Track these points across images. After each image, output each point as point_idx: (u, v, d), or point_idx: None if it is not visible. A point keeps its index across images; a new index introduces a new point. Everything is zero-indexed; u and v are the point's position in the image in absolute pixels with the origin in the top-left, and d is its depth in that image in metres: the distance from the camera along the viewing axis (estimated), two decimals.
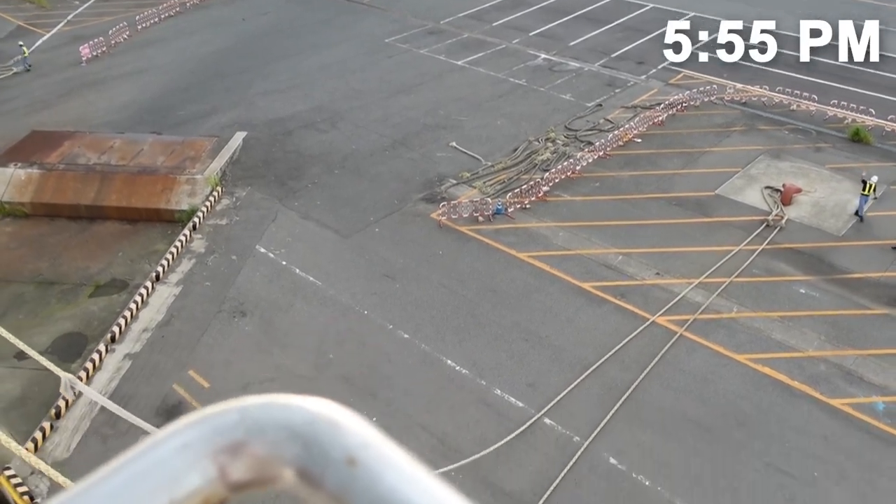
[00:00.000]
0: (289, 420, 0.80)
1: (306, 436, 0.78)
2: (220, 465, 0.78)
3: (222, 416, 0.80)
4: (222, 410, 0.81)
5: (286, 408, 0.81)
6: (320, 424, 0.79)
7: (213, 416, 0.80)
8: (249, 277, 22.34)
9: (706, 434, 17.03)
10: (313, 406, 0.81)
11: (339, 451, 0.77)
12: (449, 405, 18.02)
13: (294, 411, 0.80)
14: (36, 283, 22.44)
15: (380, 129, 30.33)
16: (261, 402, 0.82)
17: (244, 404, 0.82)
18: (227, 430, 0.79)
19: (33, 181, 26.15)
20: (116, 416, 17.86)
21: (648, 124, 29.97)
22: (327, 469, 0.76)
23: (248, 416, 0.80)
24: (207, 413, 0.81)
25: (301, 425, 0.79)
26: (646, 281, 21.79)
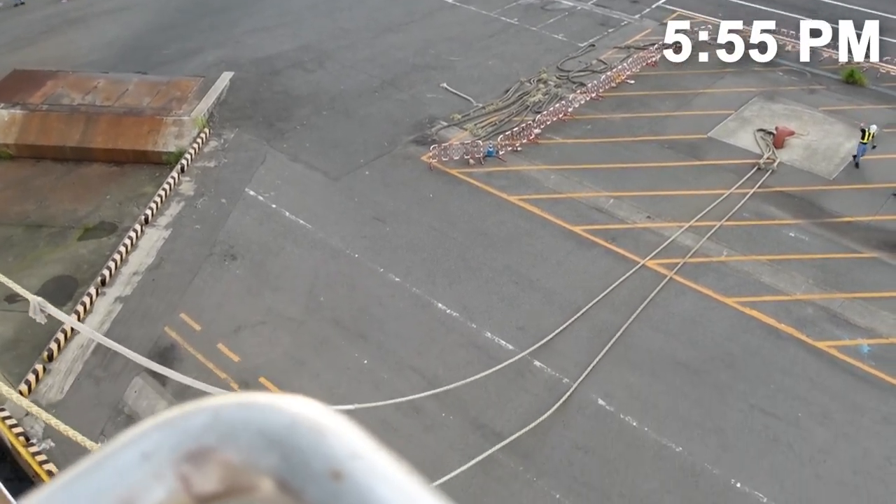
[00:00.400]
0: (266, 424, 0.70)
1: (286, 443, 0.69)
2: (184, 475, 0.68)
3: (191, 417, 0.71)
4: (191, 412, 0.72)
5: (263, 409, 0.71)
6: (302, 430, 0.70)
7: (179, 419, 0.71)
8: (239, 220, 22.20)
9: (694, 376, 17.29)
10: (294, 408, 0.71)
11: (322, 463, 0.67)
12: (439, 348, 18.17)
13: (272, 414, 0.71)
14: (24, 225, 22.23)
15: (368, 69, 29.79)
16: (235, 402, 0.72)
17: (217, 404, 0.72)
18: (196, 434, 0.70)
19: (17, 122, 25.66)
20: (110, 358, 17.96)
21: (642, 65, 29.57)
22: (309, 483, 0.67)
23: (222, 418, 0.71)
24: (173, 415, 0.71)
25: (280, 430, 0.70)
26: (637, 224, 21.79)
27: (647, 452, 15.76)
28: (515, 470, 15.39)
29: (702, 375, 17.34)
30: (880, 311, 18.93)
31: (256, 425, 0.70)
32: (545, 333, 18.25)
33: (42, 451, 15.76)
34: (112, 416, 16.55)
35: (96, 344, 18.35)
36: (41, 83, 27.57)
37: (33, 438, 16.07)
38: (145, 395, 17.20)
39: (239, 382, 17.25)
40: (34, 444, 15.90)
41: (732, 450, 15.75)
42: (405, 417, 16.50)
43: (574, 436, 16.09)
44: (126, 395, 17.16)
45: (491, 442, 15.90)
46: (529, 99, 27.42)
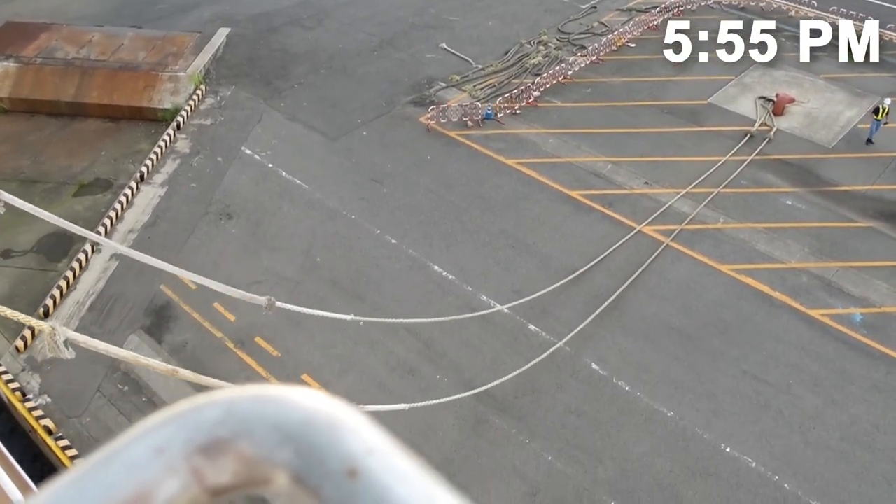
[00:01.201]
0: (281, 418, 0.69)
1: (301, 439, 0.68)
2: (198, 468, 0.68)
3: (204, 411, 0.70)
4: (204, 405, 0.71)
5: (278, 403, 0.70)
6: (317, 426, 0.69)
7: (192, 412, 0.70)
8: (235, 179, 22.09)
9: (687, 342, 17.42)
10: (309, 402, 0.71)
11: (338, 461, 0.67)
12: (435, 310, 18.21)
13: (287, 408, 0.70)
14: (18, 181, 22.06)
15: (367, 27, 29.39)
16: (249, 395, 0.71)
17: (230, 397, 0.71)
18: (209, 428, 0.69)
19: (10, 75, 25.32)
20: (105, 314, 18.01)
21: (643, 28, 29.24)
22: (325, 481, 0.66)
23: (235, 412, 0.70)
24: (186, 408, 0.71)
25: (295, 426, 0.69)
26: (634, 190, 21.75)
27: (638, 417, 15.95)
28: (508, 432, 15.58)
29: (695, 341, 17.48)
30: (874, 281, 19.03)
31: (271, 419, 0.69)
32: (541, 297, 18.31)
33: (38, 406, 15.86)
34: (108, 373, 16.63)
35: (93, 300, 18.39)
36: (35, 36, 27.15)
37: (30, 394, 16.16)
38: (141, 352, 17.24)
39: (234, 342, 17.32)
40: (30, 399, 16.00)
41: (723, 415, 15.95)
42: (400, 379, 16.64)
43: (567, 399, 16.26)
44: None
45: (485, 403, 16.07)
46: (529, 61, 27.14)
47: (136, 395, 16.22)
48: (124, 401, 16.22)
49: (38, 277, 19.04)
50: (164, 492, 0.66)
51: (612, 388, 16.49)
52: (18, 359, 16.88)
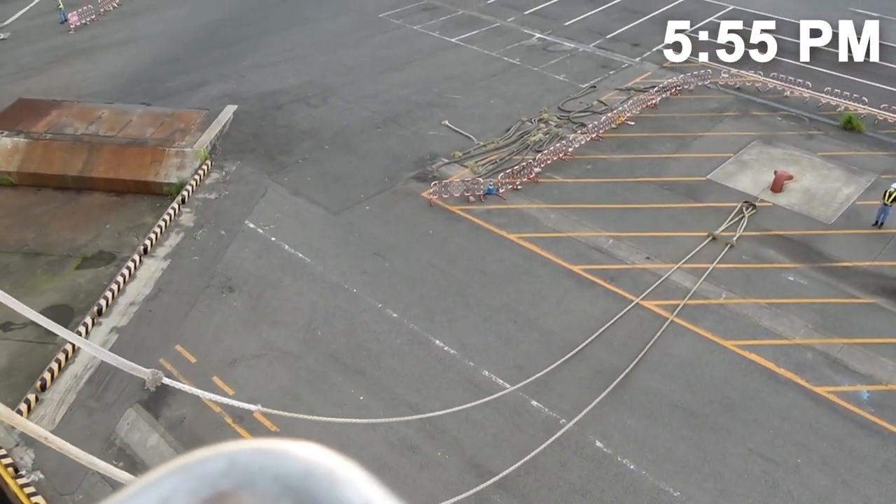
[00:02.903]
0: (282, 471, 0.71)
1: (301, 491, 0.70)
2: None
3: (207, 463, 0.72)
4: (208, 457, 0.72)
5: (279, 456, 0.72)
6: (317, 478, 0.71)
7: (196, 464, 0.71)
8: (238, 253, 22.19)
9: (692, 419, 17.14)
10: (309, 455, 0.73)
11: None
12: (436, 385, 18.04)
13: (288, 461, 0.72)
14: (22, 253, 22.20)
15: (371, 105, 30.06)
16: (250, 448, 0.73)
17: (232, 449, 0.73)
18: (212, 480, 0.70)
19: (20, 150, 25.79)
20: (103, 388, 17.81)
21: (642, 107, 29.86)
22: None
23: (238, 464, 0.71)
24: (190, 460, 0.72)
25: (296, 478, 0.70)
26: (636, 265, 21.80)
27: (644, 496, 15.55)
28: None
29: (700, 419, 17.19)
30: (879, 357, 18.85)
31: (272, 472, 0.70)
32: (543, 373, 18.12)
33: (31, 483, 15.52)
34: (104, 448, 16.33)
35: (90, 375, 18.22)
36: (46, 112, 27.79)
37: (22, 469, 15.83)
38: (138, 426, 17.01)
39: (233, 417, 17.07)
40: (23, 475, 15.66)
41: (731, 495, 15.54)
42: (401, 456, 16.31)
43: (571, 478, 15.89)
44: (118, 426, 16.97)
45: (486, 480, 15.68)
46: (530, 138, 27.63)
47: (131, 472, 15.84)
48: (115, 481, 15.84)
49: (38, 350, 18.93)
50: None
51: (616, 467, 16.14)
52: (13, 434, 16.60)
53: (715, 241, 22.45)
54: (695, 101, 30.66)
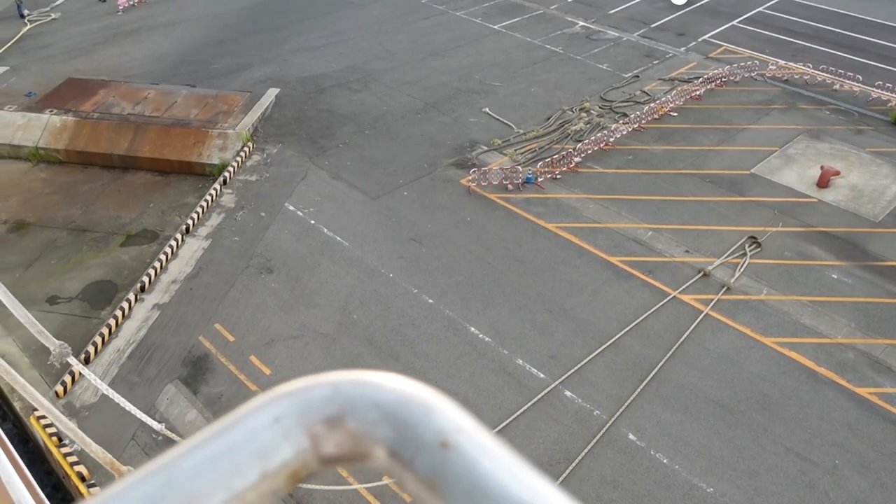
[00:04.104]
0: (381, 399, 0.78)
1: (398, 417, 0.76)
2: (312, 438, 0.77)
3: (315, 389, 0.79)
4: (315, 384, 0.80)
5: (378, 387, 0.79)
6: (413, 406, 0.77)
7: (305, 390, 0.79)
8: (277, 235, 22.44)
9: (728, 415, 16.95)
10: (406, 387, 0.79)
11: (431, 434, 0.74)
12: (470, 372, 18.09)
13: (386, 391, 0.78)
14: (69, 229, 22.73)
15: (412, 91, 30.08)
16: (353, 378, 0.80)
17: (336, 379, 0.80)
18: (320, 404, 0.78)
19: (68, 128, 26.34)
20: (144, 363, 18.20)
21: (685, 98, 29.42)
22: (420, 452, 0.74)
23: (341, 391, 0.78)
24: (300, 386, 0.80)
25: (393, 405, 0.77)
26: (675, 258, 21.56)
27: (676, 491, 15.45)
28: None
29: (736, 415, 16.99)
30: None
31: (371, 399, 0.78)
32: (577, 363, 18.08)
33: (73, 452, 15.95)
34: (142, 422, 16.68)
35: (132, 349, 18.63)
36: (94, 92, 28.33)
37: (65, 440, 16.27)
38: (177, 402, 17.36)
39: None
40: (66, 444, 16.10)
41: (766, 494, 15.36)
42: None
43: (603, 470, 15.85)
44: (158, 401, 17.34)
45: None
46: (571, 127, 27.42)
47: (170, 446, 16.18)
48: (157, 451, 16.20)
49: (82, 324, 19.39)
50: (280, 455, 0.75)
51: (649, 460, 16.05)
52: (57, 404, 17.07)
53: (706, 276, 20.62)
54: (740, 93, 30.12)
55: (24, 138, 26.10)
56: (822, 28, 35.93)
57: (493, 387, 17.66)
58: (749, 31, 35.84)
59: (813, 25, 36.21)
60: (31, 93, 28.26)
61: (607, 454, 16.17)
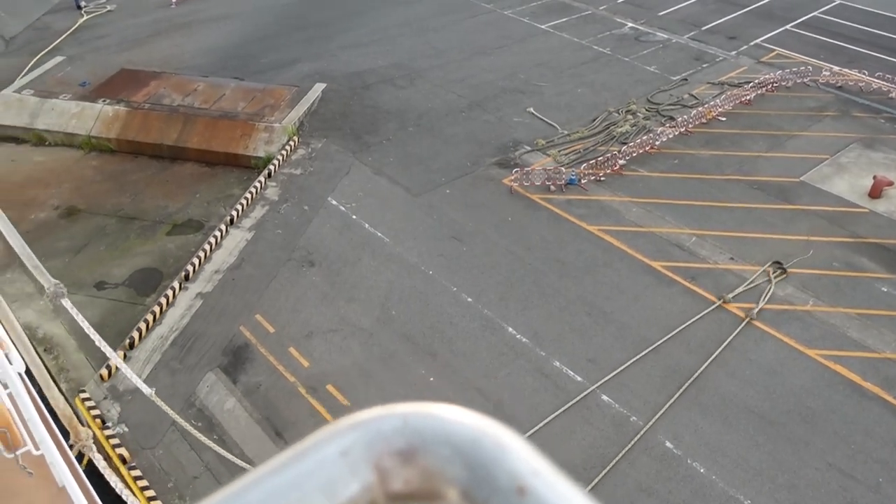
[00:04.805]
0: (453, 435, 0.74)
1: (472, 456, 0.72)
2: (380, 473, 0.74)
3: (384, 421, 0.76)
4: (384, 415, 0.76)
5: (451, 422, 0.75)
6: (486, 445, 0.73)
7: (374, 421, 0.76)
8: (319, 228, 22.65)
9: (768, 427, 16.63)
10: (479, 424, 0.75)
11: (507, 478, 0.70)
12: (506, 372, 18.05)
13: (458, 427, 0.75)
14: (118, 217, 23.25)
15: (457, 89, 30.08)
16: (424, 411, 0.77)
17: (405, 411, 0.77)
18: (389, 436, 0.75)
19: (120, 118, 26.93)
20: (186, 351, 18.53)
21: (735, 103, 28.91)
22: (494, 495, 0.70)
23: (411, 424, 0.75)
24: (368, 417, 0.76)
25: (467, 443, 0.73)
26: (718, 265, 21.22)
27: (713, 502, 15.22)
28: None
29: (777, 427, 16.66)
30: None
31: (443, 435, 0.74)
32: (616, 368, 17.92)
33: (115, 435, 16.32)
34: (184, 407, 17.02)
35: (175, 337, 18.98)
36: (146, 83, 28.91)
37: (109, 422, 16.67)
38: (216, 390, 17.64)
39: (306, 388, 17.51)
40: (109, 427, 16.48)
41: None
42: None
43: (638, 476, 15.68)
44: (198, 388, 17.63)
45: None
46: (616, 129, 27.16)
47: (208, 433, 16.49)
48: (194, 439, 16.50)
49: (127, 310, 19.82)
50: (346, 491, 0.72)
51: (685, 469, 15.83)
52: (102, 387, 17.49)
53: (724, 305, 19.63)
54: (792, 99, 29.50)
55: (78, 127, 26.77)
56: (879, 34, 35.00)
57: (529, 388, 17.60)
58: (803, 35, 35.08)
59: (869, 31, 35.29)
60: (86, 82, 28.95)
61: (643, 461, 15.99)
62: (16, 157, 26.24)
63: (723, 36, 34.89)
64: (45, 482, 6.48)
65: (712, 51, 33.48)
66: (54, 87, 28.57)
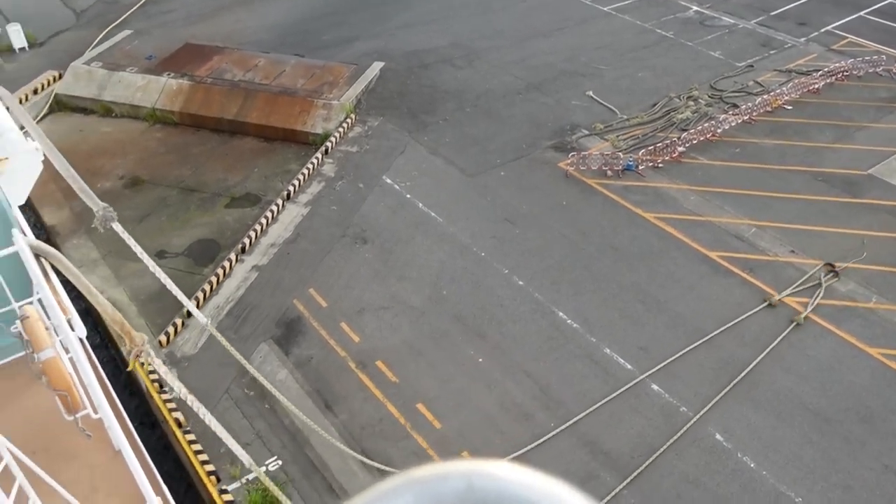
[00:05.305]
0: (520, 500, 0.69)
1: None
2: None
3: (447, 482, 0.71)
4: (447, 475, 0.71)
5: (519, 485, 0.70)
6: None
7: (436, 481, 0.71)
8: (374, 206, 22.81)
9: (824, 425, 16.25)
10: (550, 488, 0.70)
11: None
12: (556, 357, 17.99)
13: (528, 491, 0.70)
14: (179, 188, 23.80)
15: (516, 70, 29.83)
16: (490, 472, 0.71)
17: (471, 470, 0.71)
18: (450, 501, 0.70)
19: (183, 92, 27.47)
20: (241, 321, 18.93)
21: (802, 91, 28.03)
22: None
23: (476, 489, 0.70)
24: (427, 475, 0.71)
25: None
26: (778, 257, 20.71)
27: (762, 497, 14.97)
28: (620, 493, 15.00)
29: (833, 425, 16.27)
30: None
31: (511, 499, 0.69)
32: (668, 357, 17.69)
33: (172, 399, 16.81)
34: (237, 376, 17.42)
35: (231, 307, 19.40)
36: (209, 57, 29.39)
37: (166, 387, 17.15)
38: (269, 361, 17.99)
39: (356, 363, 17.74)
40: (166, 391, 16.98)
41: None
42: (514, 422, 16.44)
43: (686, 468, 15.51)
44: (252, 358, 18.00)
45: (598, 460, 15.60)
46: (677, 115, 26.61)
47: (260, 401, 16.87)
48: (248, 405, 16.92)
49: (186, 279, 20.28)
50: None
51: (735, 463, 15.59)
52: (160, 353, 18.00)
53: (773, 307, 18.99)
54: (863, 89, 28.46)
55: (143, 99, 27.41)
56: None
57: (578, 374, 17.51)
58: (877, 23, 33.74)
59: None
60: (152, 56, 29.57)
61: (691, 452, 15.81)
62: (84, 128, 27.04)
63: (792, 22, 33.78)
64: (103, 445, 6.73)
65: (780, 37, 32.46)
66: (122, 60, 29.27)
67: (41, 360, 5.84)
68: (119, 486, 6.45)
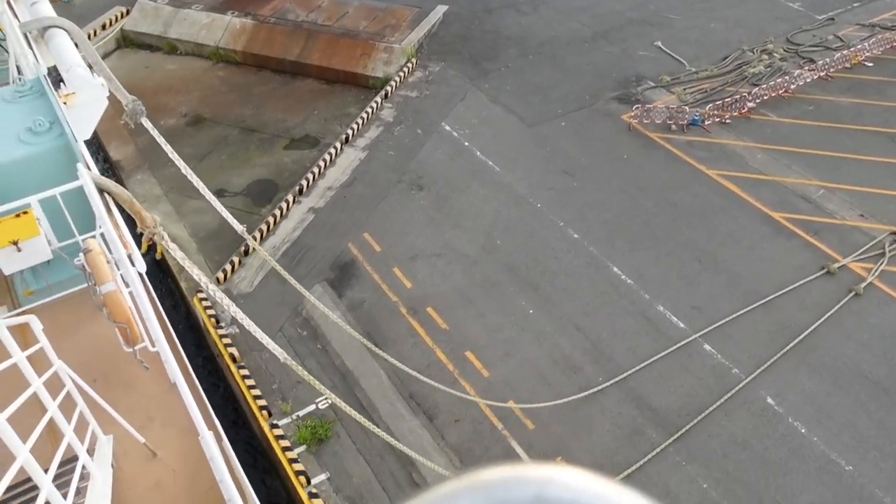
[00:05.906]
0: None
1: None
2: None
3: (514, 490, 0.66)
4: (515, 481, 0.66)
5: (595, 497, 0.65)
6: None
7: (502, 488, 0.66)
8: (431, 153, 22.71)
9: (882, 395, 15.82)
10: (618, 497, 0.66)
11: None
12: (607, 312, 17.84)
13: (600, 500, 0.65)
14: (240, 127, 24.07)
15: (582, 18, 29.00)
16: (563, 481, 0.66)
17: (543, 478, 0.66)
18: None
19: (247, 31, 27.56)
20: (297, 262, 19.25)
21: (885, 47, 26.59)
22: None
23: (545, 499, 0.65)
24: (496, 480, 0.67)
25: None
26: (846, 221, 19.97)
27: (811, 463, 14.74)
28: (666, 450, 14.96)
29: (892, 395, 15.83)
30: None
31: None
32: (722, 318, 17.38)
33: (227, 335, 17.31)
34: (291, 316, 17.81)
35: (286, 248, 19.72)
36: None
37: (222, 322, 17.66)
38: (323, 301, 18.27)
39: (407, 308, 17.91)
40: (222, 327, 17.48)
41: None
42: (562, 375, 16.45)
43: (734, 429, 15.34)
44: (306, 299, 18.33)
45: (645, 416, 15.54)
46: (749, 69, 25.58)
47: (313, 341, 17.24)
48: (301, 344, 17.31)
49: (244, 219, 20.56)
50: None
51: (785, 427, 15.35)
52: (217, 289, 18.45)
53: (831, 274, 18.32)
54: None
55: (207, 37, 27.61)
56: None
57: (629, 330, 17.36)
58: None
59: None
60: None
61: (741, 414, 15.61)
62: (150, 64, 27.44)
63: None
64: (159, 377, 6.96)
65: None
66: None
67: (102, 293, 6.01)
68: (174, 417, 6.69)
